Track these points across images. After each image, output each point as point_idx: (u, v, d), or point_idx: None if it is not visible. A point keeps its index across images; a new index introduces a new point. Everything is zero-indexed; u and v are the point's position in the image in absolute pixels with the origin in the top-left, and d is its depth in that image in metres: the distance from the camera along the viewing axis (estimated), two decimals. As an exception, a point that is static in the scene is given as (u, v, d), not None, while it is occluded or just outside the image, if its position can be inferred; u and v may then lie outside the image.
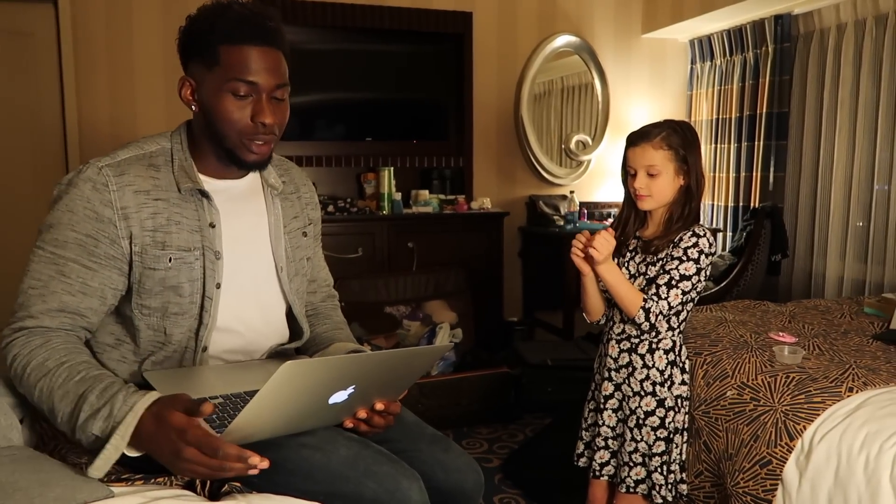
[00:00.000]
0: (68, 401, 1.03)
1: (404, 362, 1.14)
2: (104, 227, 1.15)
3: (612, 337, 1.75)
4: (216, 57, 1.16)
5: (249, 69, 1.16)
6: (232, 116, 1.18)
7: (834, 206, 3.64)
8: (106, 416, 0.99)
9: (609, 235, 1.59)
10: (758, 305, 2.61)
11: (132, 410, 0.98)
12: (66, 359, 1.07)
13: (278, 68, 1.20)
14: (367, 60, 3.71)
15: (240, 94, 1.17)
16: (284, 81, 1.22)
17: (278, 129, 1.23)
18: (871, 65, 3.41)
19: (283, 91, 1.22)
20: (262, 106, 1.18)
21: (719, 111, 4.22)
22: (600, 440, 1.77)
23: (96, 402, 1.01)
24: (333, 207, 3.45)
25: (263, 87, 1.18)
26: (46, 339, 1.10)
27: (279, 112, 1.22)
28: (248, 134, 1.20)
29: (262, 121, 1.18)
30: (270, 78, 1.18)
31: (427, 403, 2.85)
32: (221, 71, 1.16)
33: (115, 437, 0.97)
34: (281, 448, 1.10)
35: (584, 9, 4.20)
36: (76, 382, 1.04)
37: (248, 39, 1.16)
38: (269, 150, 1.25)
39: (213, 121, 1.20)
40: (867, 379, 1.73)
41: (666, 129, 1.65)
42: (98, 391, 1.02)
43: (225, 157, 1.24)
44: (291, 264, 1.36)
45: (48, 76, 3.29)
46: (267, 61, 1.18)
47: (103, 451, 0.97)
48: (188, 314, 1.23)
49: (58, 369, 1.06)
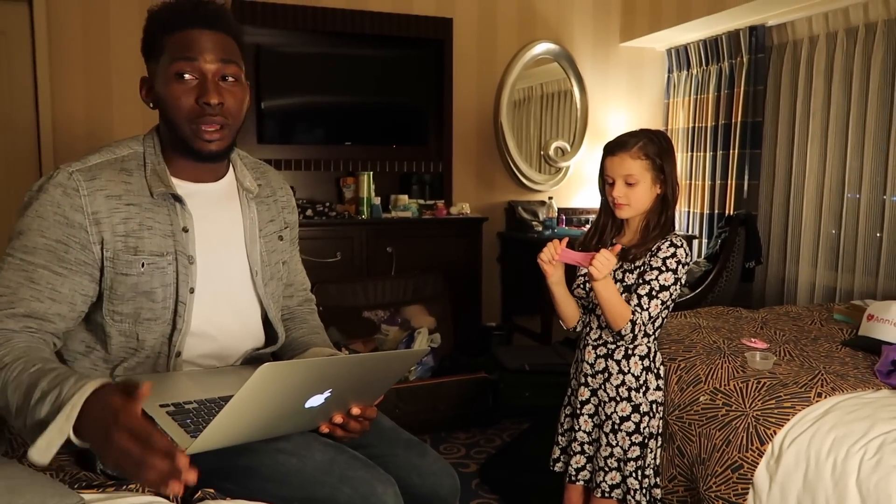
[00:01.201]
0: (20, 392, 0.98)
1: (381, 366, 1.14)
2: (75, 232, 1.13)
3: (589, 343, 1.76)
4: (162, 48, 1.18)
5: (189, 48, 1.16)
6: (178, 102, 1.17)
7: (806, 214, 3.72)
8: (53, 400, 0.94)
9: (611, 255, 1.55)
10: (731, 312, 2.65)
11: (80, 391, 0.92)
12: (25, 355, 1.03)
13: (221, 48, 1.18)
14: (347, 65, 3.71)
15: (184, 77, 1.17)
16: (229, 58, 1.19)
17: (230, 114, 1.20)
18: (841, 76, 3.49)
19: (233, 73, 1.20)
20: (206, 87, 1.17)
21: (695, 120, 4.29)
22: (576, 445, 1.78)
23: (46, 388, 0.95)
24: (312, 211, 3.43)
25: (207, 68, 1.17)
26: (7, 339, 1.06)
27: (228, 94, 1.19)
28: (195, 117, 1.18)
29: (205, 101, 1.16)
30: (212, 56, 1.17)
31: (405, 408, 2.84)
32: (166, 58, 1.17)
33: (59, 418, 0.90)
34: (256, 453, 1.10)
35: (564, 17, 4.24)
36: (30, 374, 0.99)
37: (188, 23, 1.17)
38: (223, 137, 1.21)
39: (164, 112, 1.20)
40: (835, 384, 1.77)
41: (643, 139, 1.67)
42: (49, 378, 0.97)
43: (183, 150, 1.22)
44: (267, 268, 1.36)
45: (22, 76, 3.24)
46: (208, 42, 1.17)
47: (46, 432, 0.90)
48: (161, 319, 1.21)
49: (13, 363, 1.01)
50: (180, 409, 1.09)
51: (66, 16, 3.24)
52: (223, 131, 1.21)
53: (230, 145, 1.26)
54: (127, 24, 3.35)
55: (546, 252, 1.63)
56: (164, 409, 1.08)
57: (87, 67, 3.31)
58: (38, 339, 1.10)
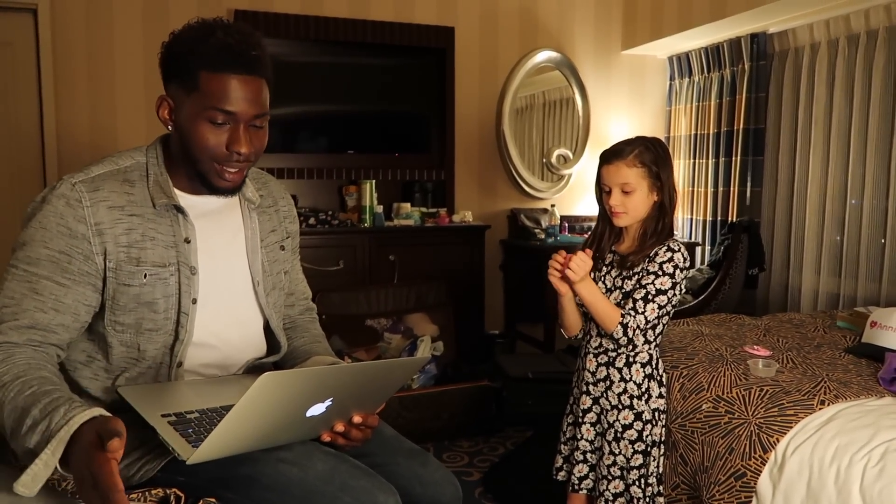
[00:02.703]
0: (15, 416, 0.97)
1: (382, 374, 1.14)
2: (78, 243, 1.14)
3: (590, 351, 1.76)
4: (196, 82, 1.15)
5: (228, 98, 1.14)
6: (207, 143, 1.17)
7: (809, 220, 3.71)
8: (42, 430, 0.93)
9: (585, 256, 1.62)
10: (734, 319, 2.64)
11: (67, 424, 0.91)
12: (24, 373, 1.02)
13: (258, 98, 1.18)
14: (349, 73, 3.73)
15: (217, 122, 1.16)
16: (264, 111, 1.20)
17: (254, 156, 1.22)
18: (843, 83, 3.49)
19: (262, 120, 1.21)
20: (238, 135, 1.17)
21: (697, 127, 4.29)
22: (579, 454, 1.78)
23: (38, 416, 0.95)
24: (315, 220, 3.44)
25: (241, 116, 1.17)
26: (9, 354, 1.06)
27: (256, 140, 1.21)
28: (221, 161, 1.19)
29: (237, 150, 1.18)
30: (249, 108, 1.17)
31: (408, 416, 2.84)
32: (200, 97, 1.15)
33: (45, 452, 0.89)
34: (257, 463, 1.10)
35: (565, 25, 4.25)
36: (25, 397, 0.98)
37: (229, 68, 1.14)
38: (242, 177, 1.24)
39: (187, 145, 1.19)
40: (839, 392, 1.76)
41: (639, 147, 1.67)
42: (42, 405, 0.96)
43: (197, 179, 1.23)
44: (268, 278, 1.36)
45: (27, 86, 3.26)
46: (247, 91, 1.16)
47: (31, 466, 0.89)
48: (162, 330, 1.22)
49: (12, 383, 1.00)
50: (182, 418, 1.09)
51: (71, 26, 3.27)
52: (244, 171, 1.24)
53: (245, 179, 1.28)
54: (131, 33, 3.37)
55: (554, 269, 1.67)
56: (166, 418, 1.08)
57: (90, 77, 3.33)
58: (40, 353, 1.10)
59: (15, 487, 0.89)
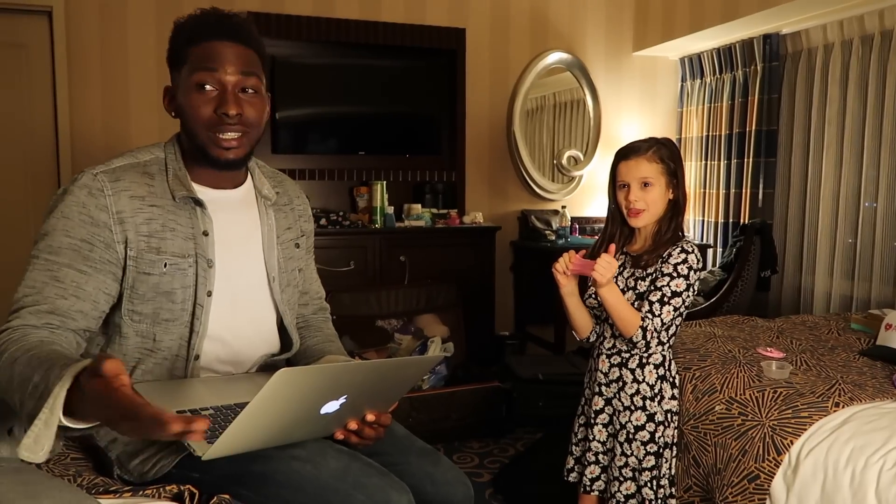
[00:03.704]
0: (21, 389, 0.96)
1: (396, 372, 1.14)
2: (99, 231, 1.15)
3: (603, 352, 1.76)
4: (185, 58, 1.20)
5: (211, 59, 1.18)
6: (198, 111, 1.19)
7: (822, 222, 3.68)
8: (41, 392, 0.91)
9: (611, 258, 1.58)
10: (747, 321, 2.63)
11: (61, 380, 0.90)
12: (34, 348, 1.02)
13: (242, 60, 1.20)
14: (360, 75, 3.74)
15: (204, 88, 1.18)
16: (249, 71, 1.21)
17: (249, 124, 1.22)
18: (857, 84, 3.46)
19: (253, 84, 1.22)
20: (225, 98, 1.19)
21: (709, 128, 4.27)
22: (591, 455, 1.77)
23: (38, 381, 0.94)
24: (326, 221, 3.45)
25: (227, 79, 1.19)
26: (24, 334, 1.07)
27: (248, 106, 1.21)
28: (213, 126, 1.20)
29: (224, 111, 1.18)
30: (233, 68, 1.19)
31: (418, 417, 2.84)
32: (188, 69, 1.19)
33: (43, 411, 0.88)
34: (271, 460, 1.10)
35: (576, 26, 4.25)
36: (32, 367, 0.97)
37: (211, 35, 1.19)
38: (241, 145, 1.23)
39: (184, 121, 1.22)
40: (853, 394, 1.75)
41: (655, 144, 1.69)
42: (43, 370, 0.95)
43: (202, 158, 1.24)
44: (283, 275, 1.37)
45: (41, 87, 3.29)
46: (230, 54, 1.19)
47: (31, 427, 0.87)
48: (179, 321, 1.23)
49: (21, 357, 1.00)
50: (197, 415, 1.09)
51: (85, 28, 3.30)
52: (241, 139, 1.23)
53: (248, 154, 1.27)
54: (144, 35, 3.40)
55: (560, 262, 1.64)
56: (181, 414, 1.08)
57: (104, 79, 3.36)
58: (57, 334, 1.11)
59: (19, 453, 0.85)
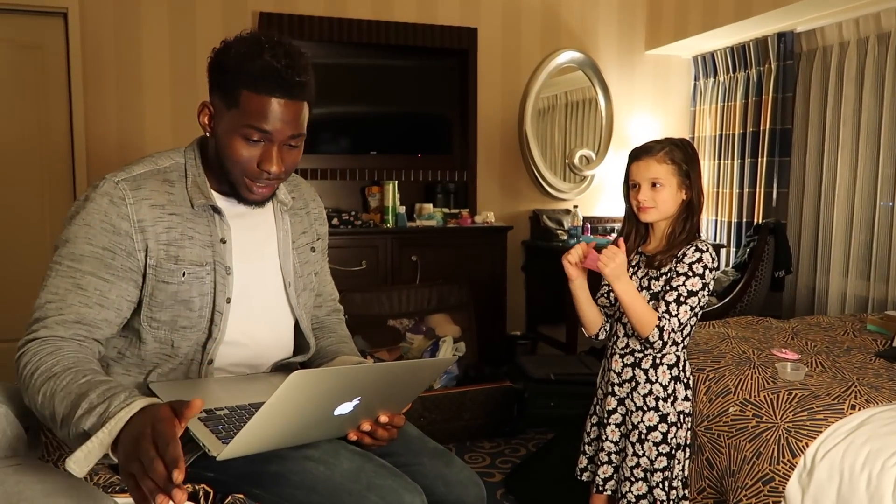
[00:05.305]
0: (68, 402, 0.98)
1: (409, 374, 1.14)
2: (121, 239, 1.16)
3: (616, 351, 1.75)
4: (237, 100, 1.16)
5: (266, 119, 1.15)
6: (240, 158, 1.19)
7: (837, 222, 3.65)
8: (101, 413, 0.94)
9: (616, 249, 1.60)
10: (761, 322, 2.61)
11: (127, 407, 0.93)
12: (75, 365, 1.05)
13: (296, 120, 1.19)
14: (372, 75, 3.75)
15: (252, 140, 1.18)
16: (300, 132, 1.21)
17: (284, 175, 1.24)
18: (873, 82, 3.42)
19: (298, 140, 1.22)
20: (270, 154, 1.19)
21: (723, 127, 4.24)
22: (604, 455, 1.77)
23: (96, 400, 0.96)
24: (338, 220, 3.46)
25: (276, 136, 1.18)
26: (57, 346, 1.08)
27: (288, 158, 1.22)
28: (251, 176, 1.21)
29: (267, 169, 1.19)
30: (285, 128, 1.18)
31: (430, 417, 2.84)
32: (238, 114, 1.16)
33: (102, 431, 0.91)
34: (285, 460, 1.11)
35: (588, 25, 4.23)
36: (79, 384, 1.00)
37: (271, 91, 1.14)
38: (271, 192, 1.26)
39: (221, 155, 1.21)
40: (870, 396, 1.73)
41: (668, 145, 1.68)
42: (100, 391, 0.98)
43: (227, 186, 1.26)
44: (299, 279, 1.38)
45: (57, 89, 3.32)
46: (285, 113, 1.17)
47: (87, 443, 0.90)
48: (197, 328, 1.24)
49: (63, 373, 1.02)
50: (212, 415, 1.10)
51: (100, 30, 3.32)
52: (274, 185, 1.26)
53: (275, 192, 1.30)
54: (158, 38, 3.42)
55: (573, 253, 1.64)
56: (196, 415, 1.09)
57: (119, 80, 3.38)
58: (85, 348, 1.12)
59: (67, 464, 0.89)
